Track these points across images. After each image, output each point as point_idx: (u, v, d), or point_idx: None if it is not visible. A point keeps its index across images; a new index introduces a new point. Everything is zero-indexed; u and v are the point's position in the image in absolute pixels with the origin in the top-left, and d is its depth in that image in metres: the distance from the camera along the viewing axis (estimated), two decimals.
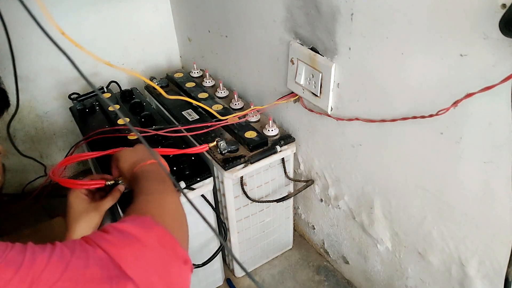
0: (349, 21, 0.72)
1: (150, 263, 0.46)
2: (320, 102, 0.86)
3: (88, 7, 1.25)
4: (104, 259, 0.43)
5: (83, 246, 0.44)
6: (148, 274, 0.45)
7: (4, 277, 0.37)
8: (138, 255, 0.45)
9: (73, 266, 0.41)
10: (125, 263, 0.43)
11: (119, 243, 0.45)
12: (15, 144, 1.24)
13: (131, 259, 0.44)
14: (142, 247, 0.46)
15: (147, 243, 0.46)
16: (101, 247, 0.44)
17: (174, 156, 0.89)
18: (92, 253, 0.43)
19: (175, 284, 0.48)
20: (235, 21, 1.05)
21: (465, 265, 0.72)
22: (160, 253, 0.47)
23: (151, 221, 0.50)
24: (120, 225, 0.48)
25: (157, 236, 0.48)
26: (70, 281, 0.40)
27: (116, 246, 0.44)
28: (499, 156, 0.58)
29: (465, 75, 0.57)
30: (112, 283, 0.41)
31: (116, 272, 0.42)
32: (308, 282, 1.11)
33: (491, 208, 0.63)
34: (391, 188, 0.81)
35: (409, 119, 0.68)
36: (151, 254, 0.46)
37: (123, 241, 0.46)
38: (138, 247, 0.46)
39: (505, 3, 0.48)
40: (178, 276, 0.48)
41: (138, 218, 0.50)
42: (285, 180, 1.04)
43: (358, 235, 0.98)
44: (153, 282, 0.45)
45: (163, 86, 1.21)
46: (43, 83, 1.28)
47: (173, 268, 0.48)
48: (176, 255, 0.49)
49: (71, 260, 0.41)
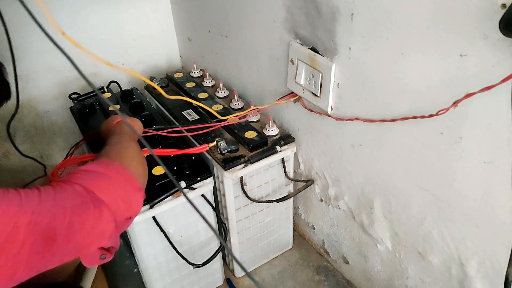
0: (349, 21, 0.72)
1: (116, 190, 0.58)
2: (320, 102, 0.86)
3: (88, 7, 1.25)
4: (81, 190, 0.53)
5: (60, 185, 0.53)
6: (115, 198, 0.57)
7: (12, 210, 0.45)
8: (106, 184, 0.57)
9: (58, 198, 0.51)
10: (98, 190, 0.55)
11: (89, 177, 0.56)
12: (15, 144, 1.23)
13: (102, 187, 0.56)
14: (108, 178, 0.58)
15: (110, 175, 0.59)
16: (76, 183, 0.54)
17: (174, 156, 0.89)
18: (70, 187, 0.53)
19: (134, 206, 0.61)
20: (235, 21, 1.05)
21: (465, 265, 0.72)
22: (121, 182, 0.60)
23: (107, 161, 0.62)
24: (84, 167, 0.59)
25: (116, 170, 0.61)
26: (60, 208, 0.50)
27: (88, 180, 0.56)
28: (499, 156, 0.58)
29: (465, 75, 0.57)
30: (90, 206, 0.53)
31: (91, 197, 0.54)
32: (308, 282, 1.11)
33: (491, 208, 0.63)
34: (391, 188, 0.81)
35: (409, 119, 0.68)
36: (116, 183, 0.59)
37: (92, 176, 0.57)
38: (105, 179, 0.58)
39: (505, 3, 0.48)
40: (136, 200, 0.61)
41: (96, 161, 0.62)
42: (285, 180, 1.04)
43: (358, 235, 0.98)
44: (119, 205, 0.57)
45: (163, 86, 1.21)
46: (43, 83, 1.28)
47: (132, 194, 0.60)
48: (132, 183, 0.61)
49: (56, 195, 0.51)
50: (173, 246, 0.89)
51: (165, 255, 0.93)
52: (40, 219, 0.47)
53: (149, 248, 0.90)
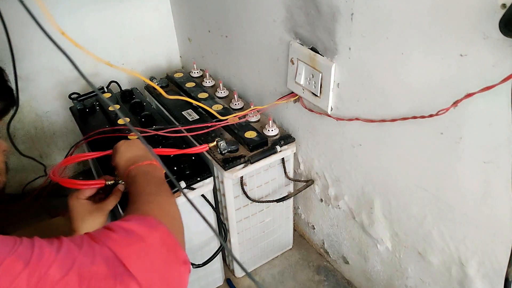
0: (349, 21, 0.72)
1: (152, 262, 0.47)
2: (320, 102, 0.86)
3: (88, 7, 1.25)
4: (110, 257, 0.44)
5: (89, 243, 0.45)
6: (150, 273, 0.46)
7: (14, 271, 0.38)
8: (141, 254, 0.47)
9: (80, 262, 0.42)
10: (129, 262, 0.45)
11: (124, 242, 0.47)
12: (15, 144, 1.24)
13: (135, 257, 0.46)
14: (146, 247, 0.47)
15: (150, 243, 0.48)
16: (106, 245, 0.45)
17: (174, 156, 0.89)
18: (99, 250, 0.44)
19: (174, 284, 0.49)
20: (235, 21, 1.05)
21: (465, 265, 0.72)
22: (162, 254, 0.49)
23: (155, 221, 0.51)
24: (125, 224, 0.49)
25: (160, 236, 0.50)
26: (77, 276, 0.41)
27: (121, 245, 0.46)
28: (499, 156, 0.58)
29: (465, 75, 0.57)
30: (116, 280, 0.43)
31: (121, 270, 0.44)
32: (308, 282, 1.11)
33: (491, 208, 0.63)
34: (391, 188, 0.81)
35: (409, 119, 0.68)
36: (154, 254, 0.48)
37: (128, 240, 0.47)
38: (142, 247, 0.47)
39: (505, 3, 0.48)
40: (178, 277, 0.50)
41: (143, 218, 0.52)
42: (285, 180, 1.04)
43: (358, 235, 0.98)
44: (154, 281, 0.46)
45: (163, 86, 1.21)
46: (43, 83, 1.28)
47: (173, 268, 0.49)
48: (177, 256, 0.50)
49: (78, 257, 0.43)
50: None
51: None
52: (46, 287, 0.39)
53: None
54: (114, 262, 0.44)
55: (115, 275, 0.43)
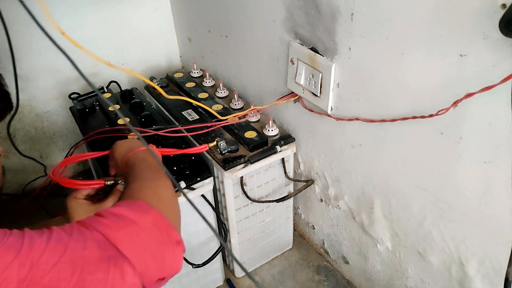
0: (349, 21, 0.72)
1: (145, 244, 0.47)
2: (320, 102, 0.86)
3: (88, 7, 1.25)
4: (101, 241, 0.44)
5: (80, 229, 0.45)
6: (143, 254, 0.46)
7: (4, 261, 0.38)
8: (133, 237, 0.47)
9: (71, 248, 0.42)
10: (121, 244, 0.45)
11: (114, 226, 0.46)
12: (15, 144, 1.24)
13: (127, 240, 0.46)
14: (138, 229, 0.47)
15: (142, 226, 0.48)
16: (97, 230, 0.45)
17: (174, 156, 0.89)
18: (89, 235, 0.44)
19: (168, 265, 0.50)
20: (235, 21, 1.05)
21: (465, 265, 0.72)
22: (154, 235, 0.49)
23: (146, 205, 0.51)
24: (115, 209, 0.49)
25: (152, 219, 0.50)
26: (69, 262, 0.41)
27: (112, 228, 0.46)
28: (499, 156, 0.58)
29: (465, 75, 0.57)
30: (109, 263, 0.43)
31: (113, 253, 0.44)
32: (308, 282, 1.11)
33: (491, 208, 0.63)
34: (391, 188, 0.81)
35: (409, 119, 0.68)
36: (146, 236, 0.48)
37: (118, 224, 0.47)
38: (133, 229, 0.47)
39: (505, 3, 0.48)
40: (171, 258, 0.50)
41: (133, 203, 0.52)
42: (285, 180, 1.04)
43: (358, 235, 0.98)
44: (147, 263, 0.47)
45: (163, 86, 1.21)
46: (43, 82, 1.28)
47: (167, 249, 0.49)
48: (170, 237, 0.50)
49: (69, 243, 0.42)
50: None
51: None
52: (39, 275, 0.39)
53: None
54: (106, 245, 0.44)
55: (107, 258, 0.43)
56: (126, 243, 0.45)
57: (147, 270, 0.46)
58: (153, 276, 0.48)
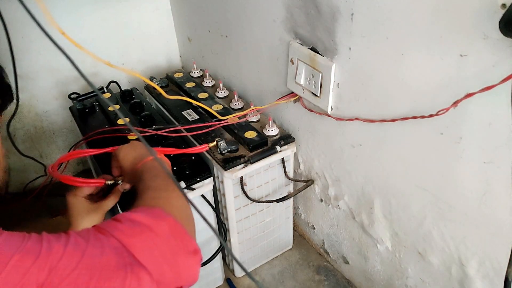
0: (349, 21, 0.72)
1: (161, 252, 0.47)
2: (320, 102, 0.86)
3: (88, 7, 1.25)
4: (118, 248, 0.44)
5: (97, 235, 0.45)
6: (160, 263, 0.46)
7: (24, 266, 0.38)
8: (150, 244, 0.46)
9: (88, 254, 0.42)
10: (138, 251, 0.44)
11: (131, 232, 0.46)
12: (15, 144, 1.24)
13: (143, 247, 0.45)
14: (154, 237, 0.47)
15: (158, 233, 0.47)
16: (114, 236, 0.45)
17: (174, 156, 0.89)
18: (106, 241, 0.44)
19: (184, 274, 0.49)
20: (235, 21, 1.05)
21: (465, 265, 0.72)
22: (170, 243, 0.48)
23: (162, 212, 0.51)
24: (132, 215, 0.49)
25: (168, 226, 0.49)
26: (87, 268, 0.41)
27: (128, 235, 0.46)
28: (499, 156, 0.58)
29: (465, 75, 0.57)
30: (126, 270, 0.43)
31: (130, 260, 0.44)
32: (308, 282, 1.11)
33: (491, 208, 0.63)
34: (391, 188, 0.81)
35: (409, 119, 0.68)
36: (163, 244, 0.47)
37: (135, 230, 0.47)
38: (150, 237, 0.47)
39: (505, 3, 0.48)
40: (187, 266, 0.50)
41: (149, 209, 0.51)
42: (285, 180, 1.04)
43: (358, 235, 0.98)
44: (164, 271, 0.46)
45: (163, 86, 1.21)
46: (43, 82, 1.28)
47: (183, 258, 0.49)
48: (186, 245, 0.50)
49: (87, 249, 0.42)
50: None
51: None
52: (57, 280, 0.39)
53: None
54: (123, 252, 0.44)
55: (124, 265, 0.43)
56: (142, 250, 0.45)
57: (163, 278, 0.46)
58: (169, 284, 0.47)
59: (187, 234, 0.50)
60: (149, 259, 0.45)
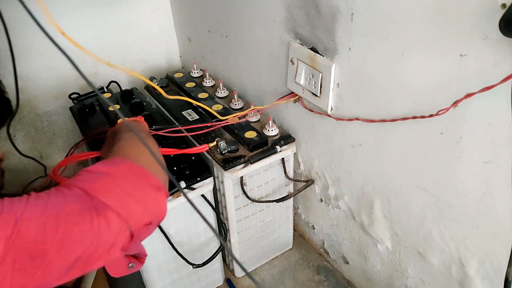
0: (349, 21, 0.72)
1: (124, 190, 0.48)
2: (320, 102, 0.86)
3: (88, 7, 1.25)
4: (81, 194, 0.45)
5: (58, 189, 0.46)
6: (125, 200, 0.47)
7: None
8: (111, 186, 0.48)
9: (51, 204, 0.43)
10: (100, 193, 0.46)
11: (91, 179, 0.48)
12: (15, 144, 1.24)
13: (106, 189, 0.47)
14: (114, 179, 0.49)
15: (117, 175, 0.49)
16: (75, 186, 0.46)
17: (174, 156, 0.89)
18: (68, 192, 0.45)
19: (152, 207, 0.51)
20: (235, 21, 1.05)
21: (465, 265, 0.72)
22: (131, 181, 0.50)
23: (119, 159, 0.53)
24: (90, 167, 0.50)
25: (126, 168, 0.51)
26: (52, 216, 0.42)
27: (89, 182, 0.47)
28: (499, 156, 0.58)
29: (465, 75, 0.57)
30: (92, 213, 0.44)
31: (94, 203, 0.45)
32: (308, 282, 1.11)
33: (491, 208, 0.63)
34: (391, 188, 0.81)
35: (409, 119, 0.68)
36: (123, 182, 0.49)
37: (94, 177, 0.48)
38: (110, 179, 0.48)
39: (505, 3, 0.48)
40: (155, 200, 0.51)
41: (107, 160, 0.53)
42: (285, 180, 1.04)
43: (358, 235, 0.98)
44: (130, 206, 0.47)
45: (163, 86, 1.21)
46: (43, 82, 1.28)
47: (148, 193, 0.50)
48: (149, 181, 0.51)
49: (49, 200, 0.43)
50: (173, 246, 0.89)
51: (165, 255, 0.93)
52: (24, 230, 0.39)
53: (149, 249, 0.89)
54: (85, 197, 0.45)
55: (89, 208, 0.44)
56: (105, 192, 0.46)
57: (132, 214, 0.47)
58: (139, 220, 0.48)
59: (147, 172, 0.51)
60: (113, 197, 0.46)
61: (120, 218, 0.46)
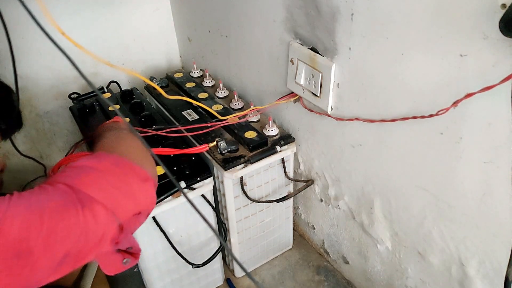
0: (349, 21, 0.72)
1: (109, 182, 0.48)
2: (320, 102, 0.86)
3: (88, 7, 1.25)
4: (65, 190, 0.44)
5: (41, 187, 0.45)
6: (110, 192, 0.47)
7: None
8: (96, 179, 0.47)
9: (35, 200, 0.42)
10: (85, 186, 0.45)
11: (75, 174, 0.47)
12: (15, 144, 1.24)
13: (91, 183, 0.46)
14: (99, 172, 0.48)
15: (102, 168, 0.49)
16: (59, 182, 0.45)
17: (174, 156, 0.89)
18: (52, 189, 0.44)
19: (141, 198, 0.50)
20: (235, 21, 1.05)
21: (465, 265, 0.72)
22: (117, 173, 0.49)
23: (104, 154, 0.53)
24: (75, 163, 0.50)
25: (111, 161, 0.50)
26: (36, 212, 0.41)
27: (73, 177, 0.47)
28: (499, 156, 0.58)
29: (465, 75, 0.57)
30: (77, 207, 0.43)
31: (79, 197, 0.44)
32: (308, 282, 1.11)
33: (491, 208, 0.63)
34: (391, 188, 0.81)
35: (409, 119, 0.68)
36: (109, 175, 0.48)
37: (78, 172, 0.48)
38: (94, 173, 0.48)
39: (505, 3, 0.48)
40: (143, 190, 0.51)
41: (92, 155, 0.53)
42: (285, 180, 1.04)
43: (358, 235, 0.98)
44: (117, 198, 0.47)
45: (163, 86, 1.21)
46: (44, 82, 1.28)
47: (135, 184, 0.50)
48: (135, 173, 0.51)
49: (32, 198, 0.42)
50: (173, 246, 0.89)
51: (165, 255, 0.93)
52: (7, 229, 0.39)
53: (149, 248, 0.90)
54: (70, 192, 0.44)
55: (74, 202, 0.43)
56: (89, 185, 0.46)
57: (118, 205, 0.46)
58: (127, 210, 0.48)
59: (133, 164, 0.51)
60: (98, 190, 0.45)
61: (107, 210, 0.45)
